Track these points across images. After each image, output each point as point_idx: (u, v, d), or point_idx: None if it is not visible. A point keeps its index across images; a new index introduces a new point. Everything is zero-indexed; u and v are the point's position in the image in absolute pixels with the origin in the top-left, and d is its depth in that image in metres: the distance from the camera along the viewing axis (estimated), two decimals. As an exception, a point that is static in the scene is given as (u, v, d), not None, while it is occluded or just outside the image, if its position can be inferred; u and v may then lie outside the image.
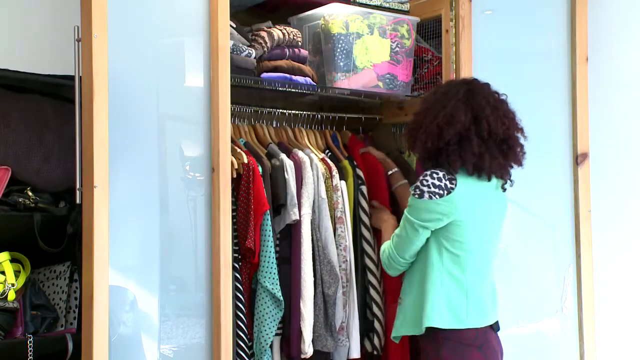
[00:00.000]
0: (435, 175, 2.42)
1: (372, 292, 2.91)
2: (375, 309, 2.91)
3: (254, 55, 2.75)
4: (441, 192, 2.41)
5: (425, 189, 2.42)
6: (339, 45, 2.91)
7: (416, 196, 2.44)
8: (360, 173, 2.98)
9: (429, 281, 2.45)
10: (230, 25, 2.59)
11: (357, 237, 2.92)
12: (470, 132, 2.43)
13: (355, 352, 2.86)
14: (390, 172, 3.02)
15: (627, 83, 3.44)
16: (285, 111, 3.02)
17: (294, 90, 2.86)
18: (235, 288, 2.62)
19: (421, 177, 2.44)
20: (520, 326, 3.17)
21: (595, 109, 3.38)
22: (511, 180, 2.56)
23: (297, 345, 2.71)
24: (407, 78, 3.09)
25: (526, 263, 3.22)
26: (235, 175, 2.63)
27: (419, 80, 3.24)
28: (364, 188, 2.96)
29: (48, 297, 2.62)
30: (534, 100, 3.30)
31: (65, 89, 2.54)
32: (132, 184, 2.42)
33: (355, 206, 2.94)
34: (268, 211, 2.65)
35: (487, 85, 2.54)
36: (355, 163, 3.01)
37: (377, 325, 2.91)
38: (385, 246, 2.61)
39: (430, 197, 2.41)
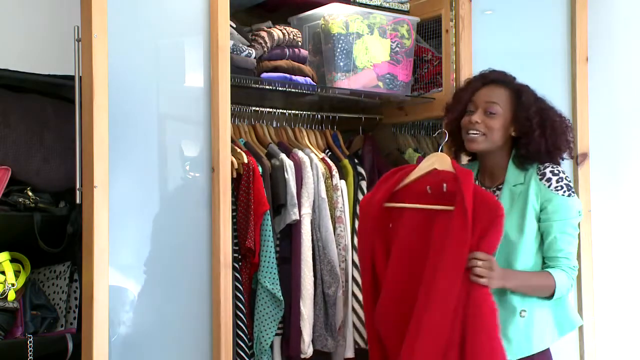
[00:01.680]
0: (564, 171, 2.41)
1: (355, 287, 2.88)
2: (356, 305, 2.88)
3: (254, 55, 2.75)
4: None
5: (571, 184, 2.39)
6: (339, 45, 2.91)
7: (573, 195, 2.35)
8: (362, 170, 2.97)
9: None
10: (230, 25, 2.59)
11: (353, 233, 2.92)
12: None
13: (350, 352, 2.86)
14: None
15: (627, 83, 3.44)
16: (285, 111, 3.02)
17: (294, 90, 2.86)
18: (235, 288, 2.62)
19: (562, 175, 2.36)
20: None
21: (595, 109, 3.38)
22: None
23: (297, 346, 2.71)
24: (407, 78, 3.09)
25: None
26: (235, 175, 2.63)
27: (419, 80, 3.24)
28: (363, 184, 2.95)
29: (48, 297, 2.62)
30: (534, 100, 3.30)
31: (65, 89, 2.54)
32: (132, 184, 2.42)
33: (355, 203, 2.93)
34: (268, 211, 2.66)
35: None
36: (356, 161, 3.00)
37: (356, 320, 2.87)
38: (564, 275, 2.33)
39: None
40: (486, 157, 2.46)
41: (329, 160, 2.92)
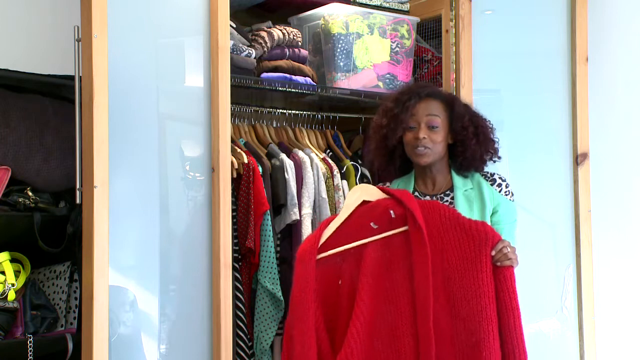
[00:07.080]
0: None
1: None
2: None
3: (254, 55, 2.75)
4: None
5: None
6: (339, 45, 2.91)
7: (514, 200, 2.49)
8: (366, 172, 2.97)
9: None
10: (230, 25, 2.59)
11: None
12: None
13: None
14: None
15: (627, 83, 3.44)
16: (285, 111, 3.02)
17: (294, 90, 2.86)
18: (235, 288, 2.62)
19: (507, 182, 2.48)
20: (520, 326, 3.17)
21: (595, 109, 3.38)
22: None
23: (297, 345, 2.71)
24: (407, 78, 3.09)
25: (526, 263, 3.22)
26: (235, 175, 2.63)
27: (419, 80, 3.24)
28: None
29: (48, 297, 2.62)
30: (534, 100, 3.30)
31: (65, 89, 2.54)
32: (132, 184, 2.42)
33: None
34: (268, 211, 2.65)
35: None
36: (360, 162, 2.99)
37: None
38: None
39: None
40: (430, 167, 2.48)
41: (330, 160, 2.92)
